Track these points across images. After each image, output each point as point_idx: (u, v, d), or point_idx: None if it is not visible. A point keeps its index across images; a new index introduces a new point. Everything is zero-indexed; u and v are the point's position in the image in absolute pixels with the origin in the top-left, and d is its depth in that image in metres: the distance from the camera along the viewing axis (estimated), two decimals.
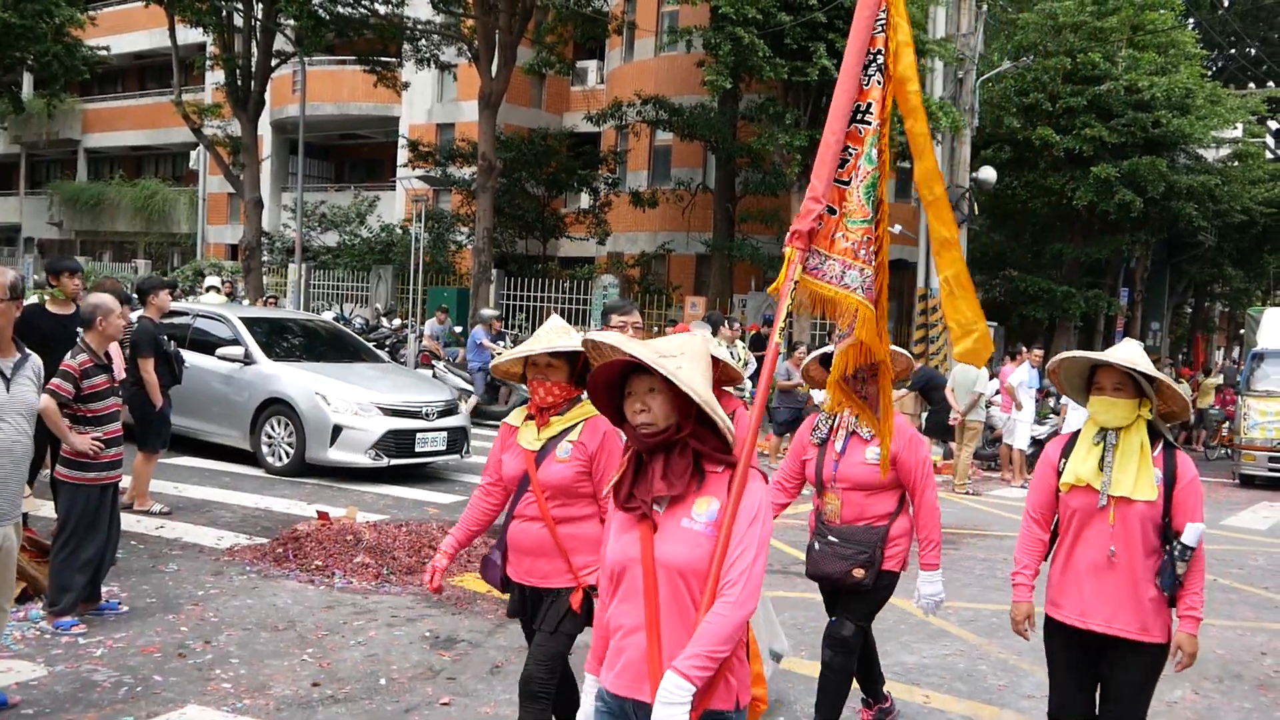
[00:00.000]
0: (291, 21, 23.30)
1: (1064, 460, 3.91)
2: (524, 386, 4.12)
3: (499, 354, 15.69)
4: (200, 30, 24.27)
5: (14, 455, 4.47)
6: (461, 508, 9.67)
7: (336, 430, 10.32)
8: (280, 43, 24.25)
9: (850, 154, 3.45)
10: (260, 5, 22.76)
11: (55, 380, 5.86)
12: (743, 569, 2.53)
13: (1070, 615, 3.88)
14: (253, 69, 23.32)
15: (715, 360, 3.83)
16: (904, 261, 26.16)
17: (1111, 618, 3.79)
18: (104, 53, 35.50)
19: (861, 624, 4.65)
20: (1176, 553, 3.66)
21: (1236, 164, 26.37)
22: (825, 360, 4.33)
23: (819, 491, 4.63)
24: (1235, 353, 39.41)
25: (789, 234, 3.23)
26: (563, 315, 18.94)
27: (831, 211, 3.38)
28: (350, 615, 6.39)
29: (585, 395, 3.40)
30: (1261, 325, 17.89)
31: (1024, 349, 15.56)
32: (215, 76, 29.85)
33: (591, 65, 33.91)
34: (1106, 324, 28.24)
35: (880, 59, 3.59)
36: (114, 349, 6.36)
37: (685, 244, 26.26)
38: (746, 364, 13.18)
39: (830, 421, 4.63)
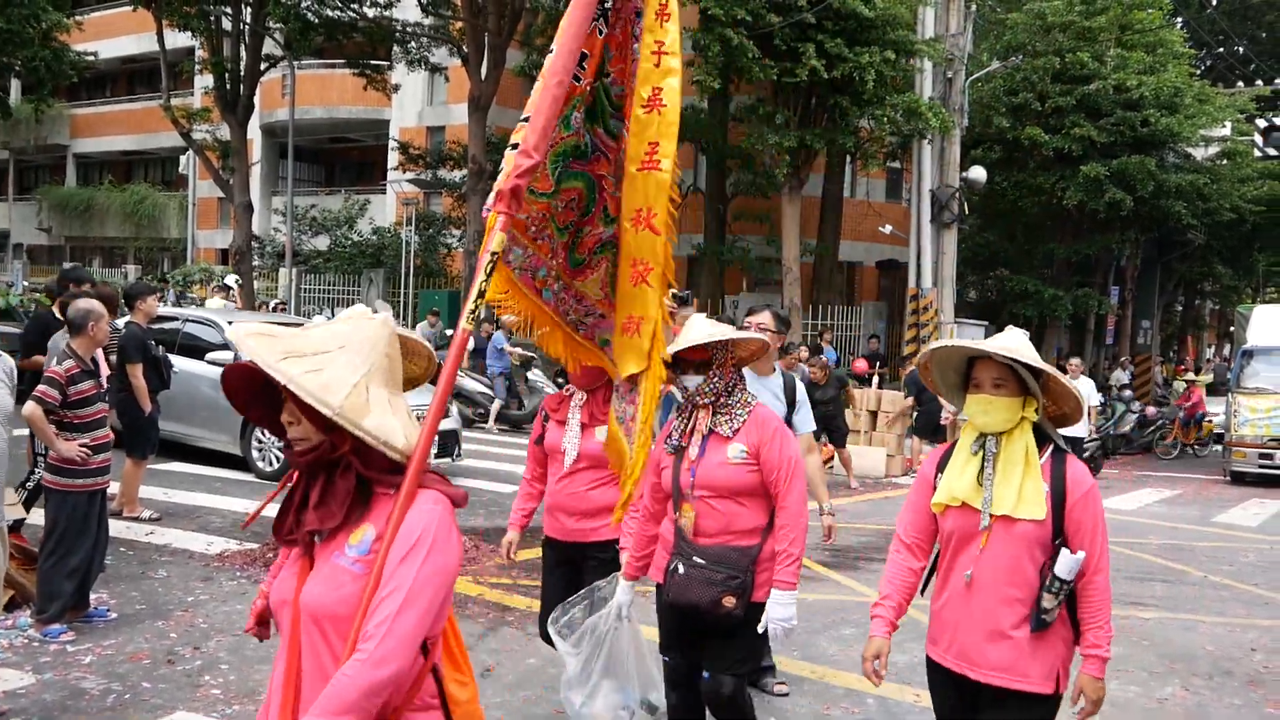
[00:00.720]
0: (280, 25, 23.26)
1: (939, 475, 3.26)
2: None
3: (517, 359, 15.31)
4: (188, 34, 24.19)
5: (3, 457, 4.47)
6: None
7: None
8: (269, 46, 24.19)
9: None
10: (249, 9, 22.71)
11: (41, 387, 5.84)
12: (384, 618, 1.98)
13: (945, 654, 3.24)
14: (241, 73, 23.26)
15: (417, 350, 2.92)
16: (895, 261, 26.21)
17: (982, 659, 3.13)
18: (91, 58, 35.48)
19: (741, 675, 3.87)
20: (1046, 584, 3.02)
21: (1225, 162, 26.45)
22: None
23: (675, 505, 3.89)
24: (1226, 350, 39.56)
25: (493, 194, 2.67)
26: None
27: None
28: None
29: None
30: (1251, 323, 17.95)
31: None
32: (204, 81, 29.74)
33: None
34: (1097, 323, 28.31)
35: (610, 2, 3.09)
36: (99, 353, 6.33)
37: (677, 245, 26.20)
38: None
39: (684, 424, 3.92)
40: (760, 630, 3.74)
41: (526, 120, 2.76)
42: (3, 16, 29.30)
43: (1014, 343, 3.12)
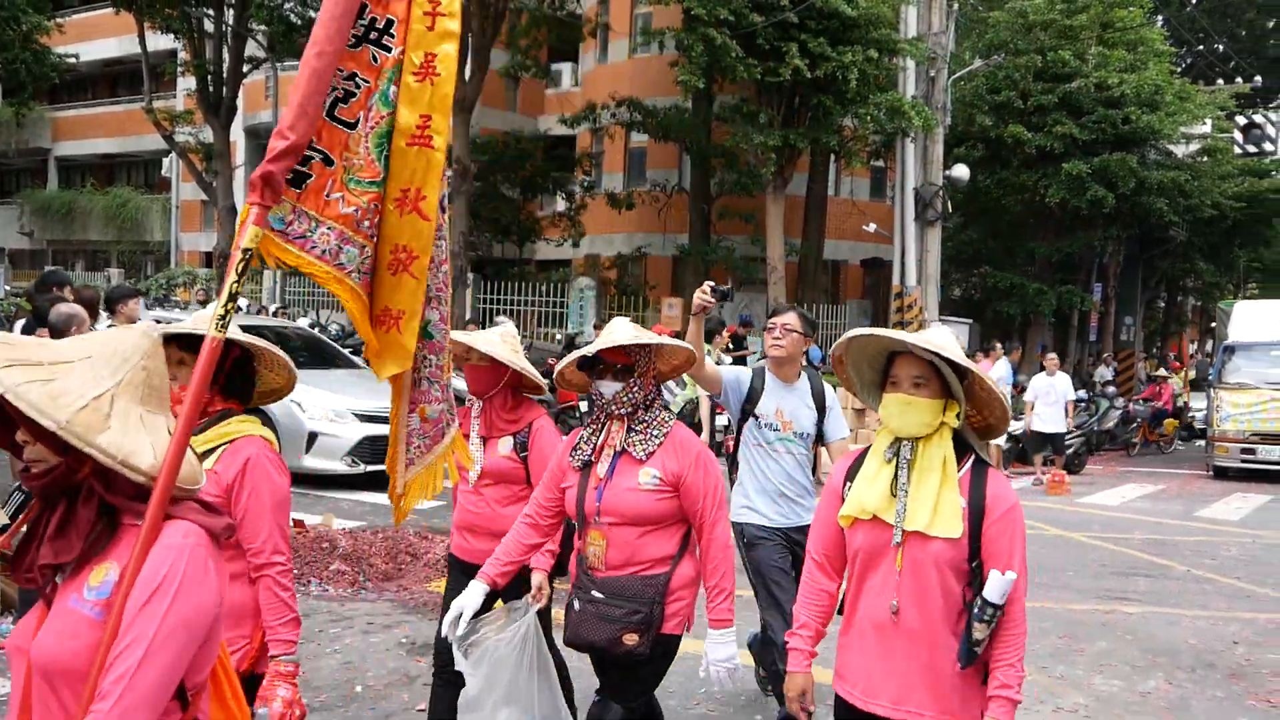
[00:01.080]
0: (262, 27, 23.21)
1: (848, 484, 2.87)
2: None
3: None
4: (170, 36, 24.12)
5: None
6: (439, 514, 9.68)
7: (312, 437, 10.29)
8: (251, 48, 24.13)
9: (360, 85, 2.68)
10: (230, 11, 22.65)
11: None
12: (122, 673, 1.72)
13: (854, 691, 2.81)
14: (224, 75, 23.19)
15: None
16: (879, 259, 26.29)
17: (900, 697, 2.73)
18: (73, 60, 35.31)
19: (633, 707, 3.51)
20: (975, 611, 2.63)
21: (1206, 159, 26.61)
22: (587, 362, 3.49)
23: (580, 530, 3.50)
24: (1208, 346, 39.79)
25: (248, 184, 2.42)
26: (539, 319, 18.97)
27: (329, 162, 2.65)
28: (326, 623, 6.37)
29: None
30: (1232, 319, 18.08)
31: (997, 345, 15.67)
32: (186, 83, 29.63)
33: (566, 68, 33.92)
34: (1080, 319, 28.46)
35: None
36: None
37: (661, 245, 26.31)
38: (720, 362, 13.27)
39: (594, 437, 3.48)
40: (701, 674, 3.47)
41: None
42: None
43: (939, 339, 2.78)
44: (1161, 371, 22.46)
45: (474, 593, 3.48)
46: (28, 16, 26.42)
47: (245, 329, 9.80)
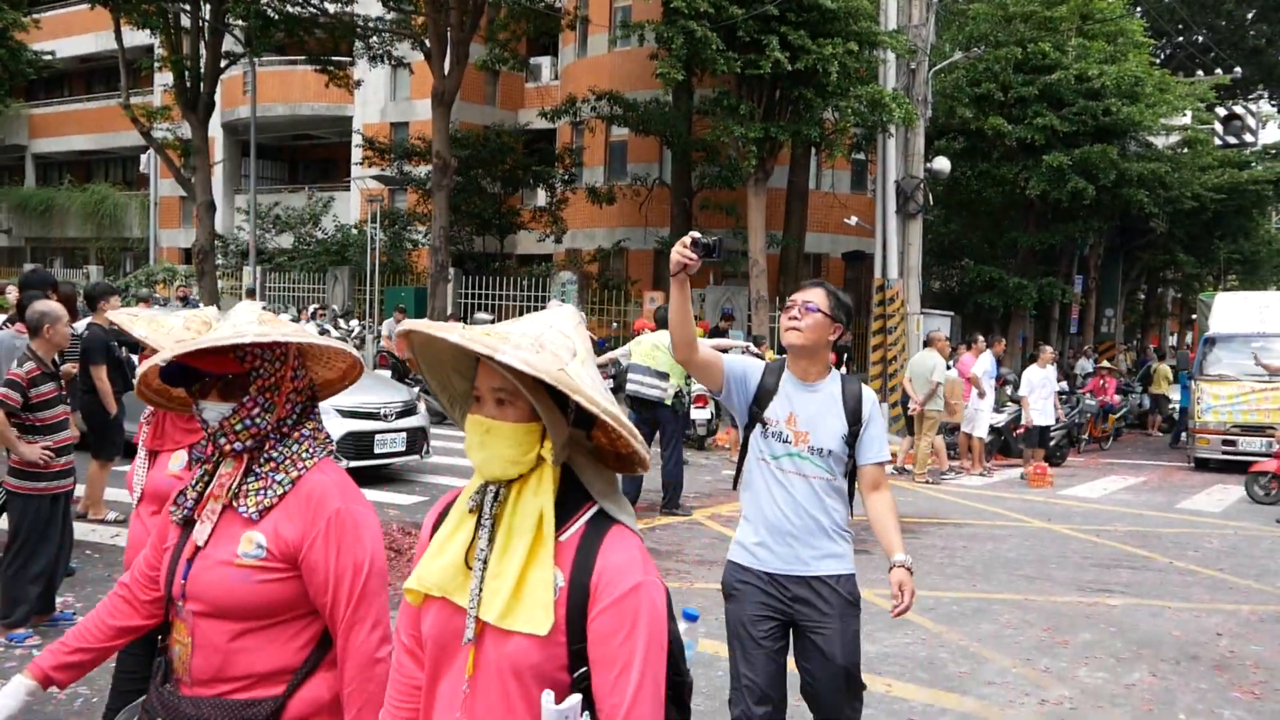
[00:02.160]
0: (240, 22, 23.03)
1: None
2: None
3: None
4: (147, 32, 23.90)
5: None
6: (422, 509, 9.65)
7: None
8: (229, 43, 23.93)
9: None
10: (208, 6, 22.45)
11: (2, 389, 5.76)
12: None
13: None
14: (202, 70, 22.99)
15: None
16: (861, 252, 26.31)
17: None
18: (49, 57, 34.97)
19: None
20: None
21: (1186, 151, 26.73)
22: (174, 373, 2.28)
23: (167, 620, 2.31)
24: (1188, 338, 40.03)
25: None
26: (520, 313, 18.90)
27: None
28: None
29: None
30: (1213, 310, 18.16)
31: (980, 338, 15.69)
32: (164, 79, 29.44)
33: (545, 61, 33.82)
34: (1061, 311, 28.56)
35: None
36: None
37: (643, 239, 26.27)
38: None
39: (200, 483, 2.30)
40: None
41: None
42: None
43: (535, 328, 1.85)
44: (1105, 364, 22.32)
45: (10, 693, 2.22)
46: (3, 13, 26.14)
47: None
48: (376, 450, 10.61)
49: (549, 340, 1.83)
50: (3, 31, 30.94)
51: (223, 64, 23.49)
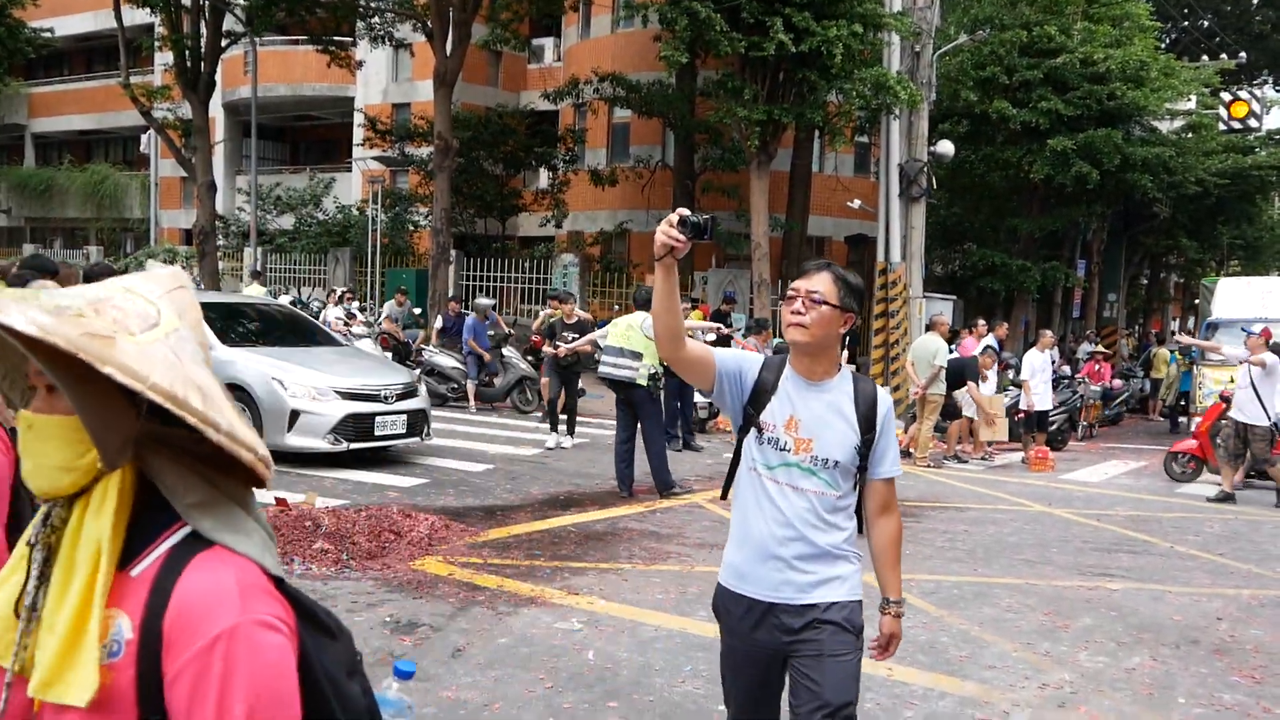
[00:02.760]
0: (241, 0, 22.91)
1: None
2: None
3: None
4: (147, 11, 23.80)
5: None
6: (423, 491, 9.65)
7: (294, 415, 10.20)
8: (230, 22, 23.82)
9: None
10: None
11: None
12: None
13: None
14: (202, 50, 22.89)
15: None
16: (863, 236, 26.26)
17: None
18: (48, 35, 34.79)
19: None
20: None
21: (1190, 135, 26.64)
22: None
23: None
24: (1190, 323, 39.96)
25: None
26: (522, 295, 18.78)
27: None
28: None
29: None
30: (1215, 296, 18.11)
31: (981, 322, 15.66)
32: (164, 58, 29.31)
33: (548, 42, 33.70)
34: (1064, 296, 28.49)
35: None
36: None
37: (645, 221, 26.21)
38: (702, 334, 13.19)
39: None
40: None
41: None
42: None
43: (103, 291, 1.40)
44: (1100, 349, 22.26)
45: None
46: None
47: (228, 305, 9.64)
48: (377, 432, 10.60)
49: (117, 305, 1.37)
50: (1, 8, 30.81)
51: (223, 43, 23.39)
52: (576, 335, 12.46)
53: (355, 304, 19.19)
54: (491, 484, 9.89)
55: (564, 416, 13.01)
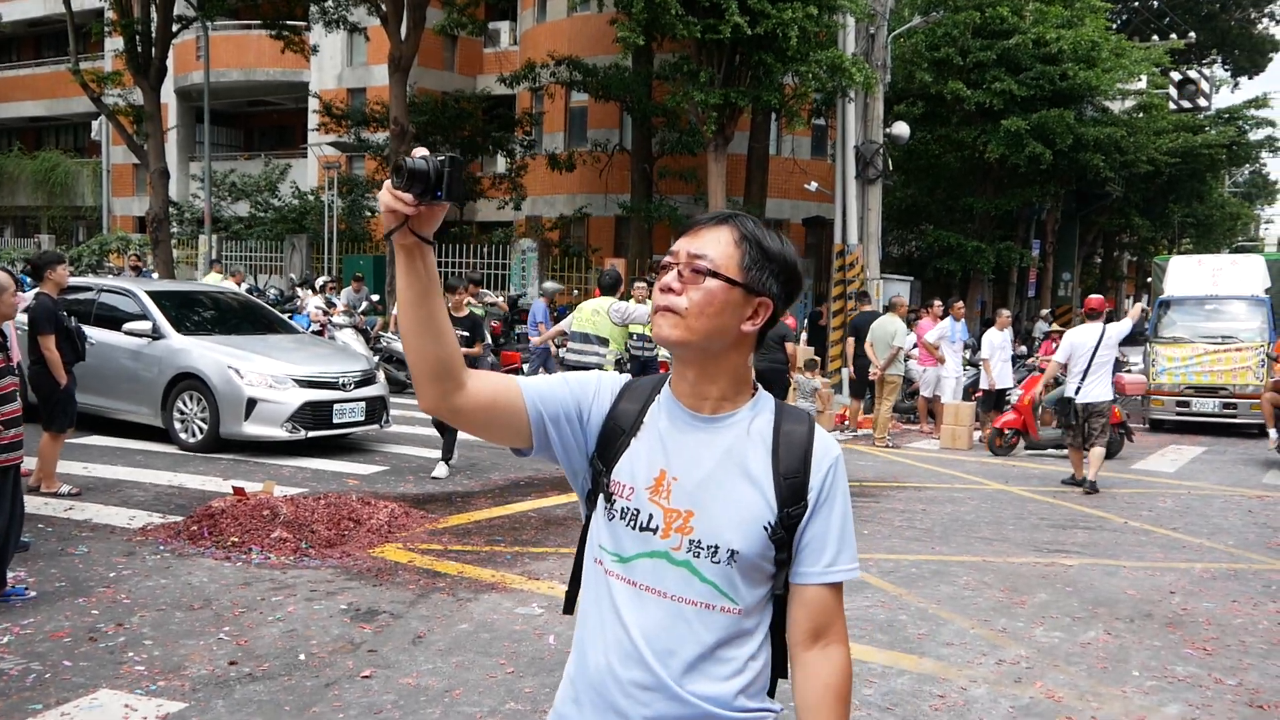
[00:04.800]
0: None
1: None
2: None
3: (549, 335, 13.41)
4: None
5: None
6: (382, 479, 9.61)
7: (251, 404, 10.11)
8: (181, 7, 23.43)
9: None
10: None
11: None
12: None
13: None
14: (153, 35, 22.51)
15: None
16: (821, 218, 26.36)
17: None
18: None
19: None
20: None
21: (1141, 115, 26.98)
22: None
23: None
24: (1144, 301, 40.49)
25: None
26: (482, 281, 18.55)
27: None
28: (268, 591, 6.27)
29: None
30: (1168, 273, 18.38)
31: (937, 302, 15.79)
32: (115, 43, 28.82)
33: (504, 26, 33.48)
34: (1019, 275, 28.80)
35: None
36: (9, 327, 6.12)
37: (604, 206, 26.17)
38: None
39: None
40: None
41: None
42: None
43: None
44: (1056, 327, 22.44)
45: None
46: None
47: (183, 294, 9.59)
48: (335, 420, 10.52)
49: None
50: None
51: (175, 28, 23.00)
52: (465, 335, 9.84)
53: (339, 294, 18.84)
54: (452, 470, 9.85)
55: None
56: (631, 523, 1.83)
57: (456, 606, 6.12)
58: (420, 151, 1.67)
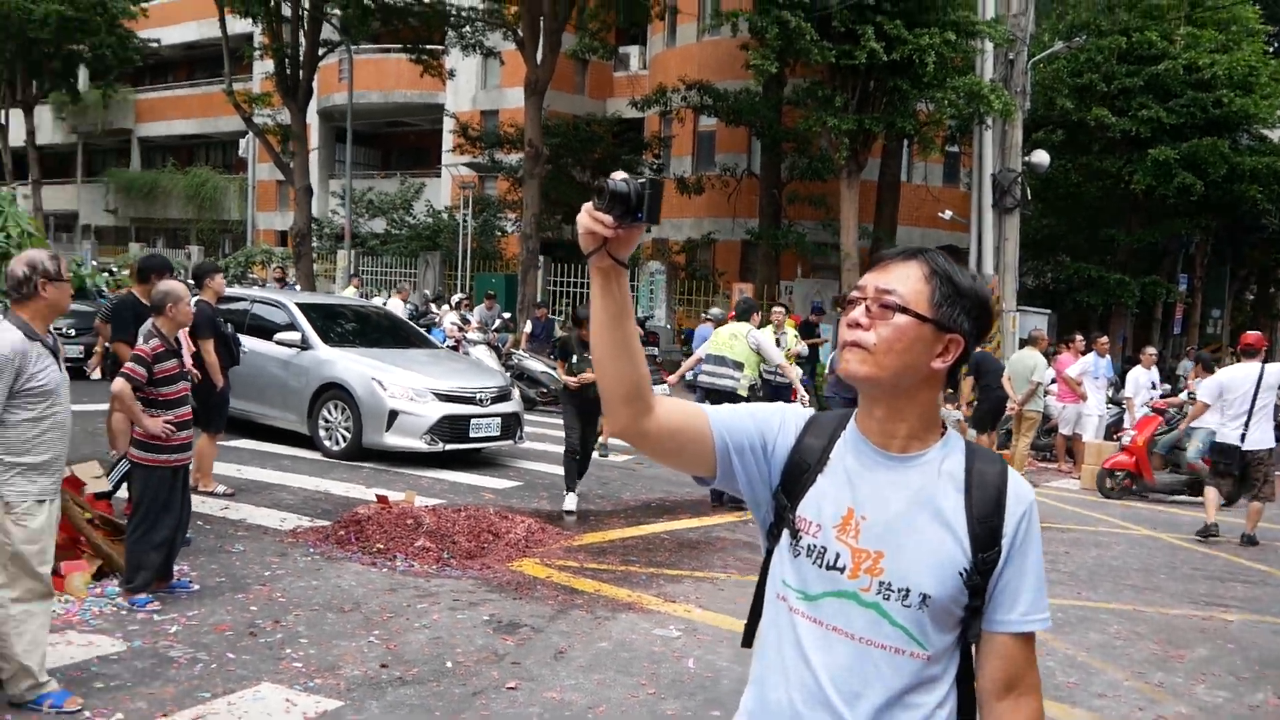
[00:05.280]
0: (337, 10, 23.42)
1: None
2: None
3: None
4: (249, 20, 24.48)
5: (69, 431, 4.61)
6: (517, 494, 9.74)
7: (393, 415, 10.37)
8: (327, 31, 24.36)
9: None
10: None
11: (129, 364, 5.95)
12: None
13: None
14: (301, 58, 23.44)
15: None
16: (954, 247, 25.87)
17: None
18: (155, 44, 36.02)
19: None
20: None
21: None
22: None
23: None
24: None
25: None
26: None
27: None
28: (413, 598, 6.41)
29: None
30: None
31: (1079, 336, 15.32)
32: (263, 66, 30.11)
33: (634, 50, 33.86)
34: (1165, 311, 27.72)
35: None
36: (183, 335, 6.42)
37: (731, 230, 26.16)
38: (794, 348, 13.04)
39: None
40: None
41: None
42: (71, 4, 29.94)
43: None
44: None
45: None
46: (114, 2, 26.94)
47: (328, 307, 9.89)
48: (472, 434, 10.72)
49: None
50: (112, 20, 31.95)
51: (320, 52, 23.93)
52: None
53: (472, 311, 19.17)
54: (583, 488, 9.90)
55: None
56: (818, 561, 1.81)
57: (595, 624, 6.16)
58: (619, 174, 1.70)
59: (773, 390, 10.88)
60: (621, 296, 1.78)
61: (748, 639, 1.96)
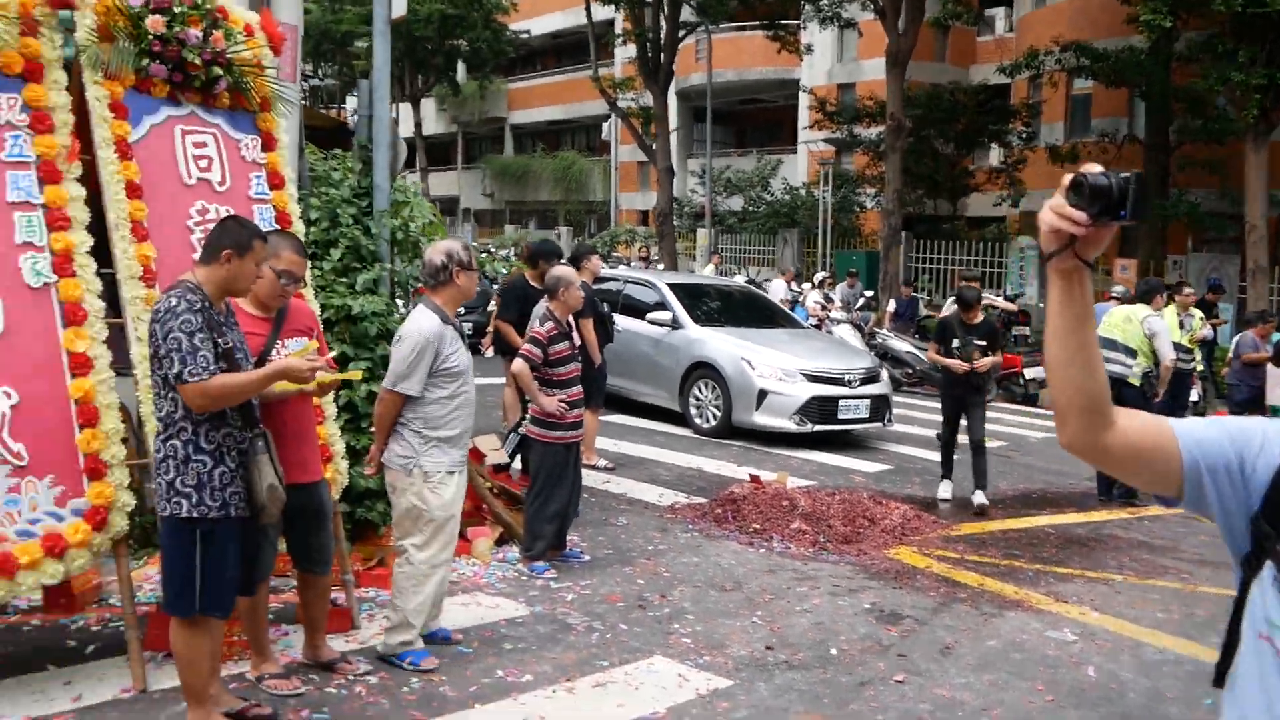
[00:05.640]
0: None
1: None
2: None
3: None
4: (611, 7, 25.47)
5: (474, 407, 5.01)
6: (888, 478, 9.55)
7: (762, 395, 10.47)
8: (686, 13, 24.90)
9: None
10: None
11: (526, 346, 6.35)
12: None
13: None
14: (661, 41, 24.12)
15: None
16: None
17: None
18: (525, 35, 38.45)
19: None
20: None
21: None
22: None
23: None
24: None
25: None
26: (980, 279, 17.50)
27: None
28: (792, 581, 6.43)
29: None
30: None
31: None
32: (624, 51, 31.32)
33: (999, 12, 32.18)
34: None
35: None
36: (573, 318, 6.77)
37: None
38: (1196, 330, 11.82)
39: None
40: None
41: None
42: (451, 2, 32.60)
43: None
44: None
45: None
46: None
47: (693, 286, 10.09)
48: (840, 416, 10.62)
49: None
50: (487, 15, 34.49)
51: (680, 34, 24.50)
52: (981, 344, 8.59)
53: (834, 289, 19.01)
54: (957, 475, 9.54)
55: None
56: None
57: (981, 621, 5.91)
58: (1096, 167, 1.58)
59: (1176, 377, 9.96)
60: (1084, 301, 1.66)
61: (1219, 680, 1.70)
